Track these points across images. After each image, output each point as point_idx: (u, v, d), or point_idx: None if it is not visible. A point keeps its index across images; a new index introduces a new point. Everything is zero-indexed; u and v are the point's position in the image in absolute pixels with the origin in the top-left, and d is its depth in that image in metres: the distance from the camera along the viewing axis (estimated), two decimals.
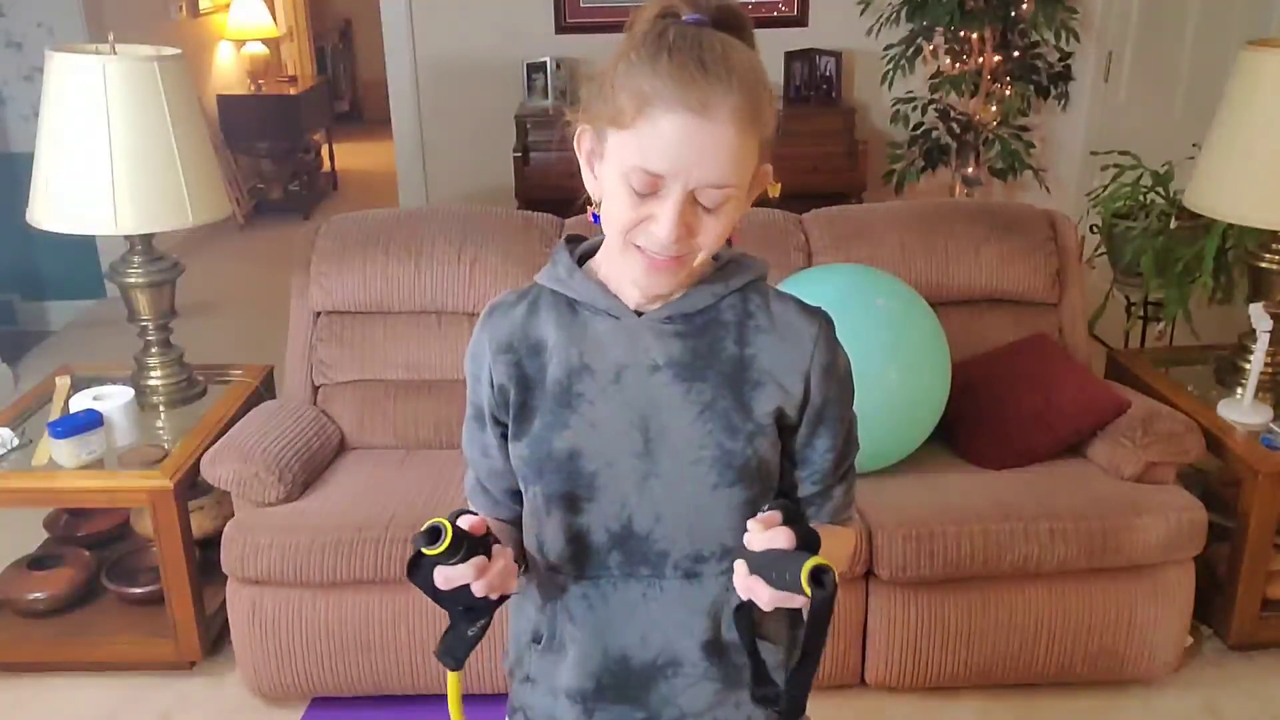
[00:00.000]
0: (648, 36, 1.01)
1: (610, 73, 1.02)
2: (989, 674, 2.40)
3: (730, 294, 1.12)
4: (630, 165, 1.00)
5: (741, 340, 1.11)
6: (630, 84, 0.99)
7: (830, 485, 1.18)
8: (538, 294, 1.16)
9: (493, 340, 1.15)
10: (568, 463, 1.10)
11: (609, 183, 1.04)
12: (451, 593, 1.03)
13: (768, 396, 1.11)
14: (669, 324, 1.11)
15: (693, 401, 1.10)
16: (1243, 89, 2.54)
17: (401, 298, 2.66)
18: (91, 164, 2.42)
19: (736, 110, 0.98)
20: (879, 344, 2.33)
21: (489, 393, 1.15)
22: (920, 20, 4.35)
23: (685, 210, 1.00)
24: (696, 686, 1.15)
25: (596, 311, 1.12)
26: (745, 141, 1.00)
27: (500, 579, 1.04)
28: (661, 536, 1.11)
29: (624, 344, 1.11)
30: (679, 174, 0.98)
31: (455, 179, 4.87)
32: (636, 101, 0.98)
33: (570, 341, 1.12)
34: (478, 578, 1.01)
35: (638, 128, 0.99)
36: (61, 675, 2.55)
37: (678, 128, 0.97)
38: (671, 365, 1.10)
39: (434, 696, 2.41)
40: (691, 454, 1.09)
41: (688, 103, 0.97)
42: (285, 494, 2.36)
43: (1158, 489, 2.40)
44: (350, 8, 9.20)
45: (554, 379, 1.12)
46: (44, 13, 4.60)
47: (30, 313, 4.86)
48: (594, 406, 1.10)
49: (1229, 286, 3.14)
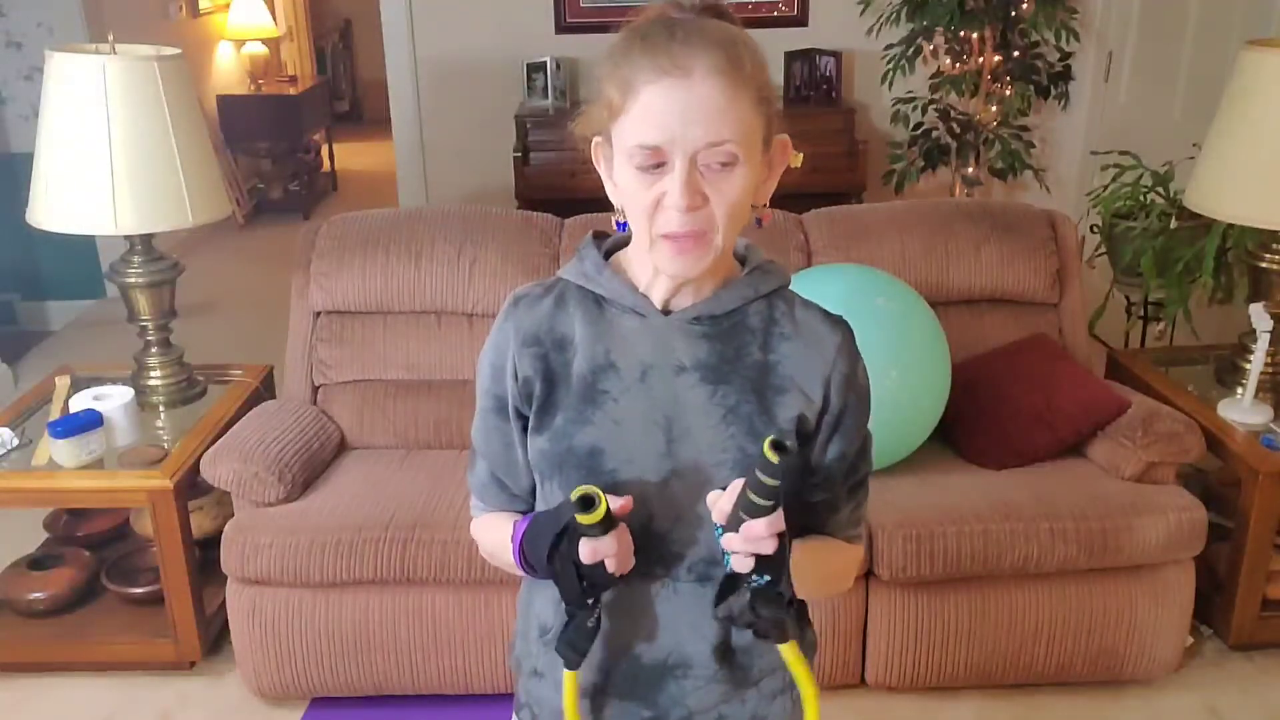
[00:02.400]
0: (624, 34, 1.04)
1: (600, 79, 1.05)
2: (989, 674, 2.40)
3: (757, 299, 1.13)
4: (630, 147, 1.02)
5: (766, 346, 1.12)
6: (613, 76, 1.03)
7: (838, 496, 1.17)
8: (564, 288, 1.16)
9: (519, 331, 1.14)
10: (588, 459, 1.10)
11: (622, 178, 1.05)
12: (587, 570, 1.03)
13: (790, 403, 1.11)
14: (696, 325, 1.11)
15: (717, 405, 1.10)
16: (1243, 89, 2.54)
17: (401, 298, 2.66)
18: (91, 164, 2.42)
19: (714, 65, 0.99)
20: (879, 344, 2.32)
21: (513, 385, 1.14)
22: (920, 20, 4.35)
23: (693, 176, 1.01)
24: (705, 688, 1.15)
25: (623, 309, 1.12)
26: (734, 96, 1.00)
27: (629, 556, 1.05)
28: (679, 538, 1.12)
29: (650, 343, 1.11)
30: (675, 140, 1.00)
31: (455, 179, 4.87)
32: (621, 88, 1.02)
33: (596, 338, 1.12)
34: (620, 550, 1.03)
35: (628, 110, 1.01)
36: (61, 675, 2.55)
37: (661, 94, 0.99)
38: (698, 368, 1.10)
39: (434, 697, 2.41)
40: (714, 457, 1.09)
41: (664, 68, 0.99)
42: (285, 494, 2.36)
43: (1158, 489, 2.39)
44: (350, 8, 9.20)
45: (579, 375, 1.12)
46: (44, 13, 4.60)
47: (30, 313, 4.86)
48: (618, 404, 1.10)
49: (1229, 286, 3.14)
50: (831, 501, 1.17)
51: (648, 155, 1.01)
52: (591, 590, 1.06)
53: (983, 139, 4.41)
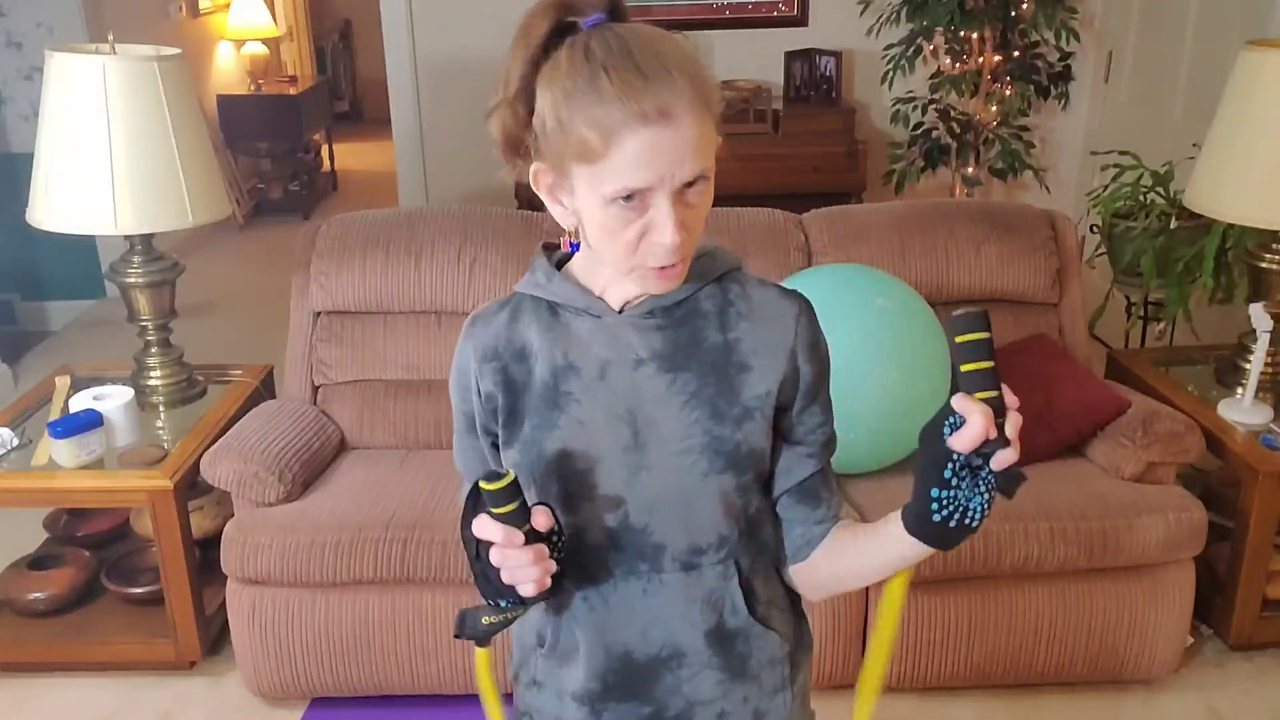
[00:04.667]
0: (573, 60, 1.00)
1: (552, 110, 1.00)
2: (989, 674, 2.40)
3: (708, 284, 1.14)
4: (613, 191, 1.00)
5: (724, 327, 1.13)
6: (584, 115, 0.99)
7: (825, 466, 1.19)
8: (518, 301, 1.17)
9: (477, 349, 1.16)
10: (558, 463, 1.11)
11: (593, 214, 1.04)
12: (484, 565, 1.03)
13: (756, 379, 1.12)
14: (650, 319, 1.12)
15: (678, 391, 1.11)
16: (1243, 89, 2.54)
17: (401, 298, 2.66)
18: (91, 164, 2.42)
19: (690, 102, 0.99)
20: (879, 344, 2.33)
21: (478, 402, 1.16)
22: (920, 20, 4.34)
23: (679, 211, 1.01)
24: (700, 675, 1.15)
25: (577, 312, 1.13)
26: (706, 126, 1.01)
27: (521, 567, 1.02)
28: (657, 529, 1.12)
29: (606, 341, 1.12)
30: (663, 181, 1.00)
31: (455, 179, 4.87)
32: (599, 133, 0.98)
33: (554, 343, 1.13)
34: (505, 544, 1.01)
35: (610, 157, 0.99)
36: (61, 675, 2.55)
37: (647, 142, 0.98)
38: (655, 358, 1.11)
39: (434, 697, 2.41)
40: (680, 444, 1.10)
41: (647, 116, 0.97)
42: (285, 494, 2.36)
43: (1158, 489, 2.40)
44: (350, 8, 9.20)
45: (541, 381, 1.13)
46: (44, 13, 4.60)
47: (30, 313, 4.86)
48: (581, 404, 1.11)
49: (1229, 286, 3.14)
50: (824, 470, 1.18)
51: (635, 201, 1.00)
52: (486, 583, 1.07)
53: (983, 139, 4.41)
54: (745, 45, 4.62)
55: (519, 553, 1.02)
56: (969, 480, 0.97)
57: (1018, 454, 0.95)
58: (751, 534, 1.16)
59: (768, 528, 1.18)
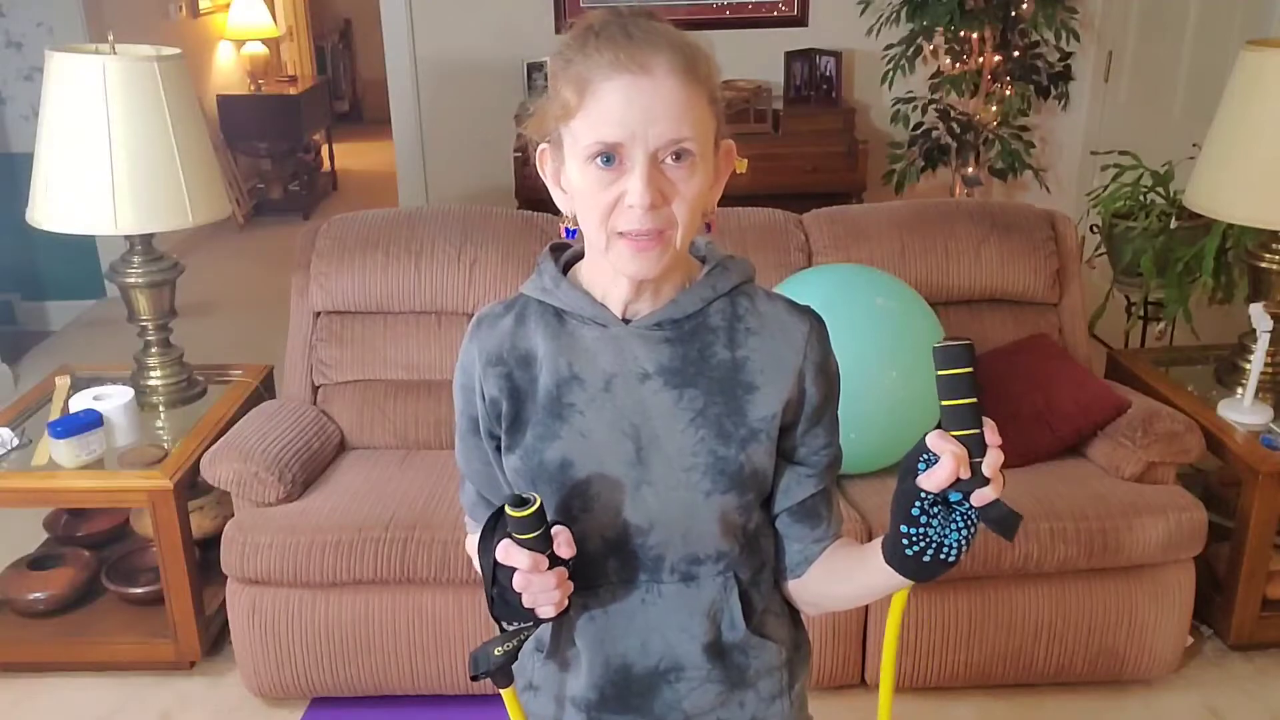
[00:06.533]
0: (574, 32, 1.04)
1: (550, 80, 1.04)
2: (989, 674, 2.40)
3: (718, 298, 1.12)
4: (587, 144, 1.01)
5: (733, 344, 1.11)
6: (568, 75, 1.02)
7: (828, 486, 1.17)
8: (524, 304, 1.15)
9: (482, 353, 1.14)
10: (559, 473, 1.10)
11: (576, 180, 1.04)
12: (501, 574, 1.02)
13: (763, 399, 1.10)
14: (657, 330, 1.10)
15: (684, 409, 1.09)
16: (1243, 89, 2.54)
17: (401, 298, 2.66)
18: (91, 164, 2.42)
19: (672, 63, 1.00)
20: (879, 344, 2.33)
21: (482, 406, 1.15)
22: (920, 20, 4.34)
23: (654, 174, 1.00)
24: (700, 689, 1.15)
25: (584, 320, 1.12)
26: (691, 93, 1.01)
27: (545, 592, 1.02)
28: (656, 542, 1.11)
29: (612, 352, 1.10)
30: (635, 136, 0.99)
31: (455, 179, 4.87)
32: (577, 86, 1.01)
33: (559, 351, 1.12)
34: (530, 570, 1.00)
35: (585, 108, 1.00)
36: (61, 675, 2.55)
37: (621, 91, 0.99)
38: (662, 373, 1.10)
39: (434, 697, 2.41)
40: (684, 461, 1.09)
41: (623, 65, 0.99)
42: (285, 494, 2.36)
43: (1158, 489, 2.40)
44: (350, 8, 9.20)
45: (544, 389, 1.11)
46: (44, 13, 4.60)
47: (30, 313, 4.86)
48: (584, 416, 1.10)
49: (1229, 286, 3.14)
50: (826, 490, 1.17)
51: (608, 154, 1.00)
52: (504, 606, 1.05)
53: (983, 139, 4.41)
54: (745, 45, 4.62)
55: (544, 578, 1.01)
56: (941, 517, 0.95)
57: (998, 491, 0.94)
58: (751, 548, 1.15)
59: (767, 541, 1.17)
